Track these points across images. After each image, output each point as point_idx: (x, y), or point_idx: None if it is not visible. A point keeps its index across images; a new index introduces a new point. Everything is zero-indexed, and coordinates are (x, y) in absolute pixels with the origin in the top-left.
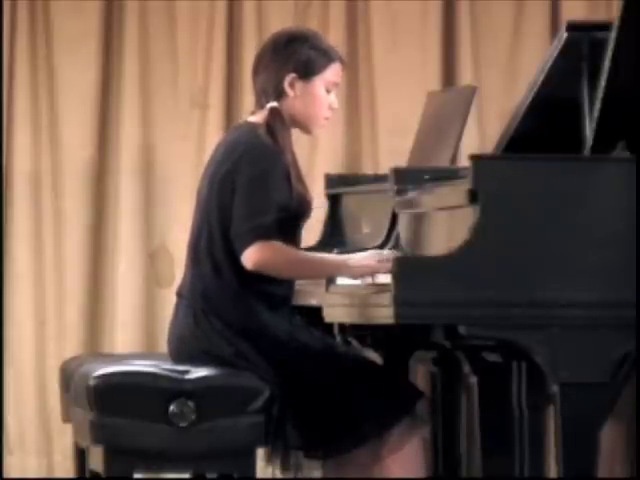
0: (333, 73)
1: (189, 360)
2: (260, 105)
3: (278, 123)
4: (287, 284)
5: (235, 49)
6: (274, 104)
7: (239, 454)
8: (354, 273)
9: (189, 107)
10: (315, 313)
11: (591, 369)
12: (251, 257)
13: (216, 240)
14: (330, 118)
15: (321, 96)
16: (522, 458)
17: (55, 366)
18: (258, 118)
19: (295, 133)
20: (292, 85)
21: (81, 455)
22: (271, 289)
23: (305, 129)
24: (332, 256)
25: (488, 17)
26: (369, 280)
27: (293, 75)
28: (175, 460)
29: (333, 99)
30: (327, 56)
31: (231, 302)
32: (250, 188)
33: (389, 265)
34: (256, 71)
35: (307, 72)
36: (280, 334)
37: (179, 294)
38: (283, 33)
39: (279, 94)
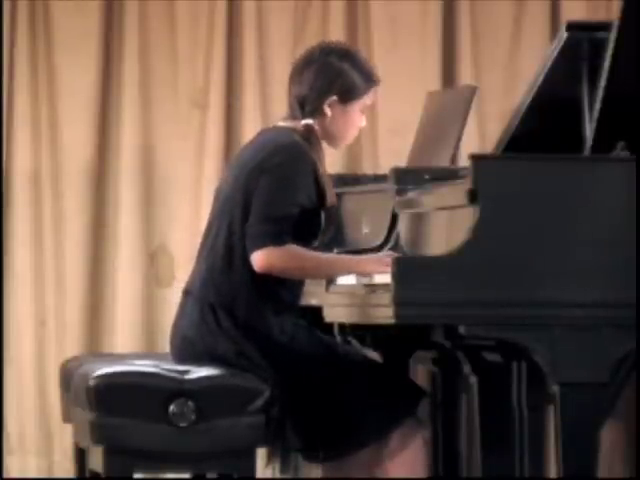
0: (371, 97)
1: (191, 360)
2: (293, 115)
3: (313, 138)
4: (296, 291)
5: (235, 49)
6: (309, 121)
7: (239, 454)
8: (364, 270)
9: (189, 107)
10: (315, 313)
11: (591, 369)
12: (259, 260)
13: (236, 234)
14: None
15: (356, 120)
16: (522, 458)
17: (55, 366)
18: (291, 125)
19: None
20: (331, 107)
21: (81, 455)
22: (280, 293)
23: (333, 145)
24: (342, 256)
25: (488, 17)
26: (368, 280)
27: (334, 98)
28: (175, 460)
29: (362, 118)
30: (369, 81)
31: (242, 298)
32: (274, 187)
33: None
34: (294, 80)
35: (348, 97)
36: (283, 336)
37: (186, 291)
38: (329, 49)
39: (316, 112)
